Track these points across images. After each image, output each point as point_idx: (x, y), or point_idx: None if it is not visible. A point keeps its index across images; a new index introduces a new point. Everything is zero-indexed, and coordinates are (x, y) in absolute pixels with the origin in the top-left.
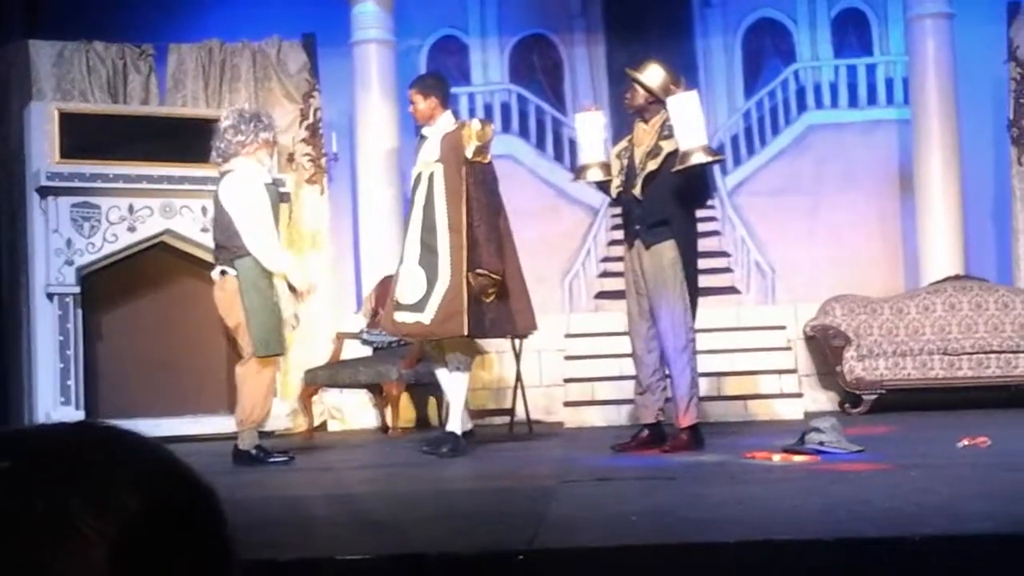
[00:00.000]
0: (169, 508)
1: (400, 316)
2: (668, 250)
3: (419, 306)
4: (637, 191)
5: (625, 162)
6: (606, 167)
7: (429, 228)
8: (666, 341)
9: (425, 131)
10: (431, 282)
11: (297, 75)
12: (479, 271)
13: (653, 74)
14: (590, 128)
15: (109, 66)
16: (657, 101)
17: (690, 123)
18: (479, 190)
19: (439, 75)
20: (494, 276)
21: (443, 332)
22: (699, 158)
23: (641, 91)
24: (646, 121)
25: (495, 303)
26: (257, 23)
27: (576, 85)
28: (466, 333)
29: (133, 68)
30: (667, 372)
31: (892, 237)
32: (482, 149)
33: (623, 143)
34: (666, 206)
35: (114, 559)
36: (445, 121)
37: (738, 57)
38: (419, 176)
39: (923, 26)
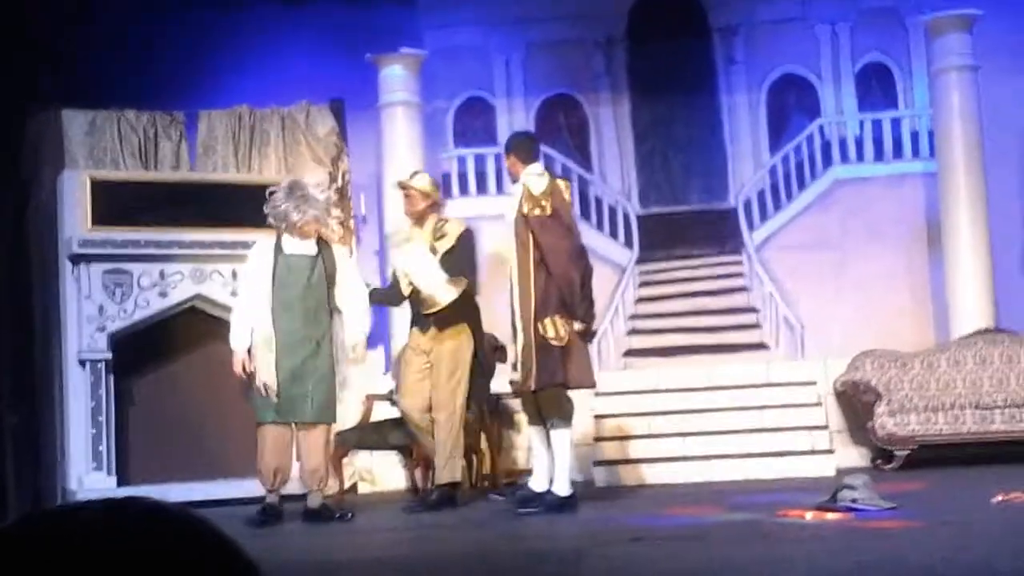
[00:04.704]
0: None
1: (513, 376)
2: None
3: (514, 365)
4: None
5: None
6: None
7: (510, 285)
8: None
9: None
10: (514, 339)
11: (326, 139)
12: (558, 317)
13: (422, 180)
14: (417, 261)
15: (140, 133)
16: (433, 205)
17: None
18: (547, 238)
19: (517, 136)
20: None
21: (527, 388)
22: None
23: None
24: (421, 225)
25: (568, 353)
26: (286, 88)
27: (602, 143)
28: (533, 388)
29: (164, 135)
30: None
31: (921, 291)
32: (538, 203)
33: None
34: None
35: None
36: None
37: (763, 113)
38: None
39: (948, 79)
